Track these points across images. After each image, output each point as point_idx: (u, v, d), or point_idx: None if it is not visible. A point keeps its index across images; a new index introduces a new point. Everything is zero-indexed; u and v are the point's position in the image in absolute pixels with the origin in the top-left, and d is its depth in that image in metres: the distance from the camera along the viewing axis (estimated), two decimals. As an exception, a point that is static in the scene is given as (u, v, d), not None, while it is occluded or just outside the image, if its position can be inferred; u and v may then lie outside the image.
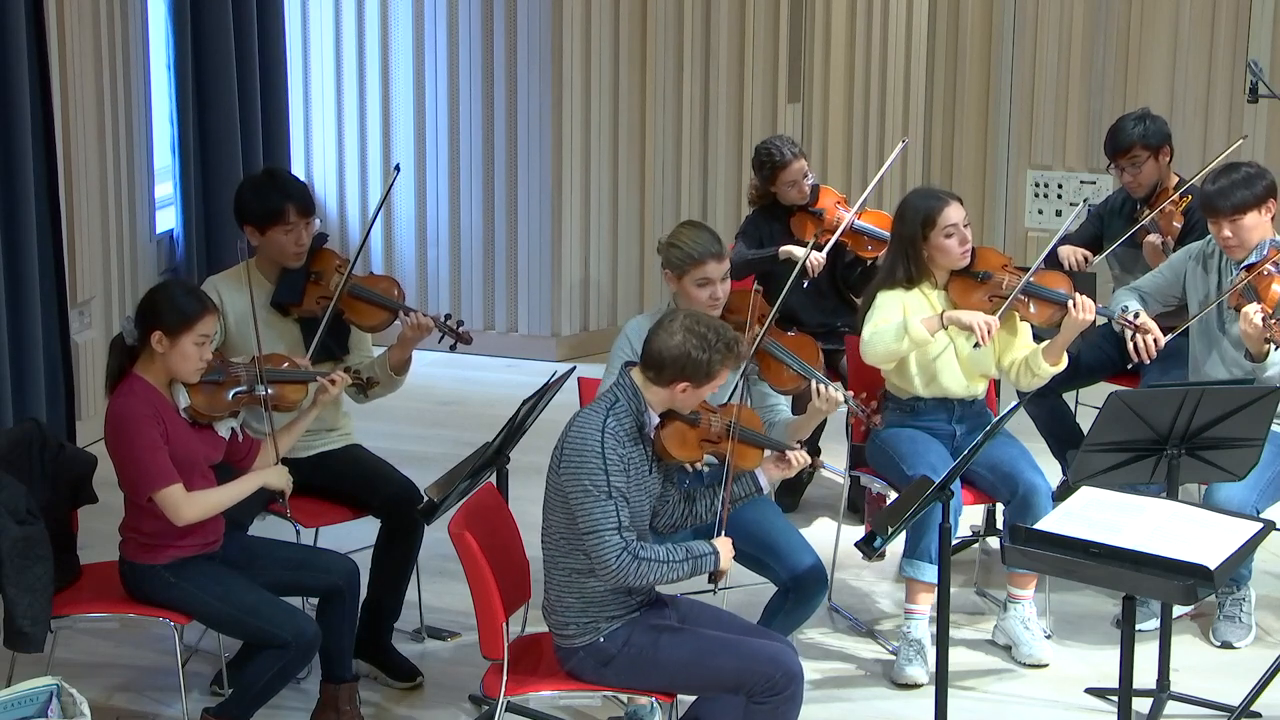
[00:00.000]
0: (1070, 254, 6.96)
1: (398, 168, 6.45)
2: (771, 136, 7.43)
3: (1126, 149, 6.89)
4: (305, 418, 5.54)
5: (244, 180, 6.19)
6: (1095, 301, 5.97)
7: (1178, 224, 6.79)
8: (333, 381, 5.52)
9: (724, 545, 4.96)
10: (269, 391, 5.36)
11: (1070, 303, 5.85)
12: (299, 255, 5.82)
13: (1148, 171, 6.90)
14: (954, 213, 5.95)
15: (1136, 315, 6.05)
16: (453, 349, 5.92)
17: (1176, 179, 6.97)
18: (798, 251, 6.85)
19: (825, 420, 5.84)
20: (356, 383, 5.71)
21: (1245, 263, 6.04)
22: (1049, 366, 5.94)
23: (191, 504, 5.16)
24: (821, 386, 5.50)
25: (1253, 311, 5.82)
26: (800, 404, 5.65)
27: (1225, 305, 6.06)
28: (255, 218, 5.80)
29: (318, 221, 5.91)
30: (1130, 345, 6.08)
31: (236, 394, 5.32)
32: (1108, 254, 6.99)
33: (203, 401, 5.27)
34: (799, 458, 5.14)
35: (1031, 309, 5.96)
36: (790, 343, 5.66)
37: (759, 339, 5.57)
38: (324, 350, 5.78)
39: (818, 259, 6.92)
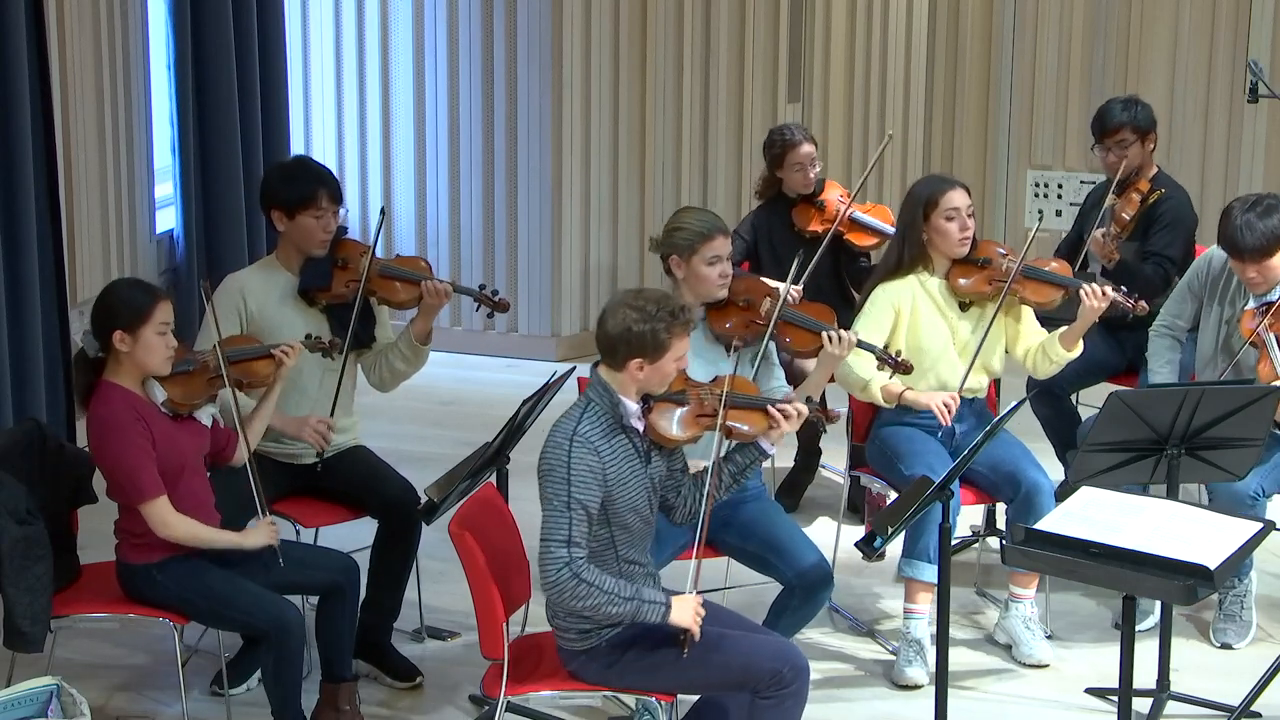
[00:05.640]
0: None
1: (383, 211, 6.46)
2: (784, 123, 7.42)
3: (1115, 129, 6.90)
4: (270, 398, 5.52)
5: (272, 167, 6.17)
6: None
7: (1128, 215, 6.81)
8: (286, 352, 5.47)
9: (682, 604, 4.73)
10: (230, 374, 5.31)
11: (1080, 290, 5.88)
12: (324, 243, 5.82)
13: (1133, 155, 6.91)
14: (958, 197, 5.96)
15: (1137, 296, 6.02)
16: (490, 317, 5.99)
17: (1156, 170, 7.00)
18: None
19: (824, 424, 5.83)
20: (319, 348, 5.68)
21: (1267, 298, 6.00)
22: (1065, 351, 5.98)
23: (179, 523, 5.16)
24: (831, 334, 5.55)
25: None
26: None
27: (1237, 333, 6.04)
28: (284, 202, 5.78)
29: (343, 211, 5.90)
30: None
31: (210, 379, 5.32)
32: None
33: (179, 392, 5.28)
34: (799, 408, 5.07)
35: (1029, 291, 5.99)
36: (809, 310, 5.73)
37: (775, 313, 5.59)
38: (354, 339, 5.78)
39: (795, 294, 6.90)
